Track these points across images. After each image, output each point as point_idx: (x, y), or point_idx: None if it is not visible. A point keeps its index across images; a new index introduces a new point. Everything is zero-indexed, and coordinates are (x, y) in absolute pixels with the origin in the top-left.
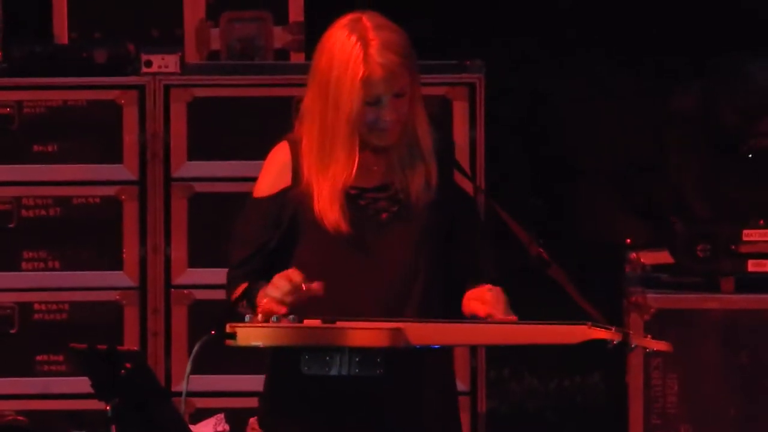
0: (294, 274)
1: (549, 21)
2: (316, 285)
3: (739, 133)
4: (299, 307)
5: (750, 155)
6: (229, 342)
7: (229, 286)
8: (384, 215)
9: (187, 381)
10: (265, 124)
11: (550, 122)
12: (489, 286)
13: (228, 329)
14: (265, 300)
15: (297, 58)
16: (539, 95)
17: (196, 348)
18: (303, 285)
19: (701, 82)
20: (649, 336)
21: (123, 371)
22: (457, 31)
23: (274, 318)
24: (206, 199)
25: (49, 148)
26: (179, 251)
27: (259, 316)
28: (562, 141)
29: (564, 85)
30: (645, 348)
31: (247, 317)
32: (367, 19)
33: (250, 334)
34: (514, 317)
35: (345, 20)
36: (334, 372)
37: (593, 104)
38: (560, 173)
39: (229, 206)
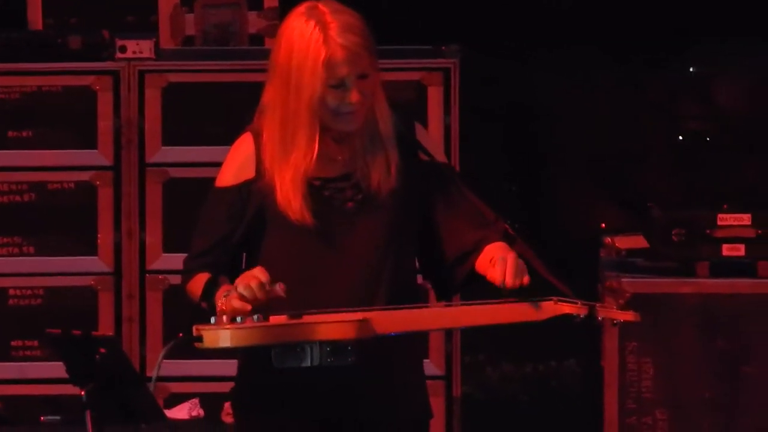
0: (261, 272)
1: (527, 7)
2: (279, 286)
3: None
4: (265, 304)
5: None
6: (198, 345)
7: (184, 275)
8: (349, 204)
9: (154, 382)
10: (239, 109)
11: (526, 108)
12: (497, 246)
13: (194, 332)
14: (230, 298)
15: (272, 43)
16: (515, 82)
17: (162, 352)
18: (268, 285)
19: (675, 70)
20: (614, 307)
21: (98, 356)
22: (433, 16)
23: (238, 318)
24: (181, 185)
25: (24, 134)
26: (154, 236)
27: (224, 317)
28: (538, 127)
29: (540, 72)
30: (613, 320)
31: (213, 319)
32: (324, 5)
33: (216, 336)
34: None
35: (301, 8)
36: (306, 363)
37: (570, 91)
38: (536, 159)
39: (204, 191)
